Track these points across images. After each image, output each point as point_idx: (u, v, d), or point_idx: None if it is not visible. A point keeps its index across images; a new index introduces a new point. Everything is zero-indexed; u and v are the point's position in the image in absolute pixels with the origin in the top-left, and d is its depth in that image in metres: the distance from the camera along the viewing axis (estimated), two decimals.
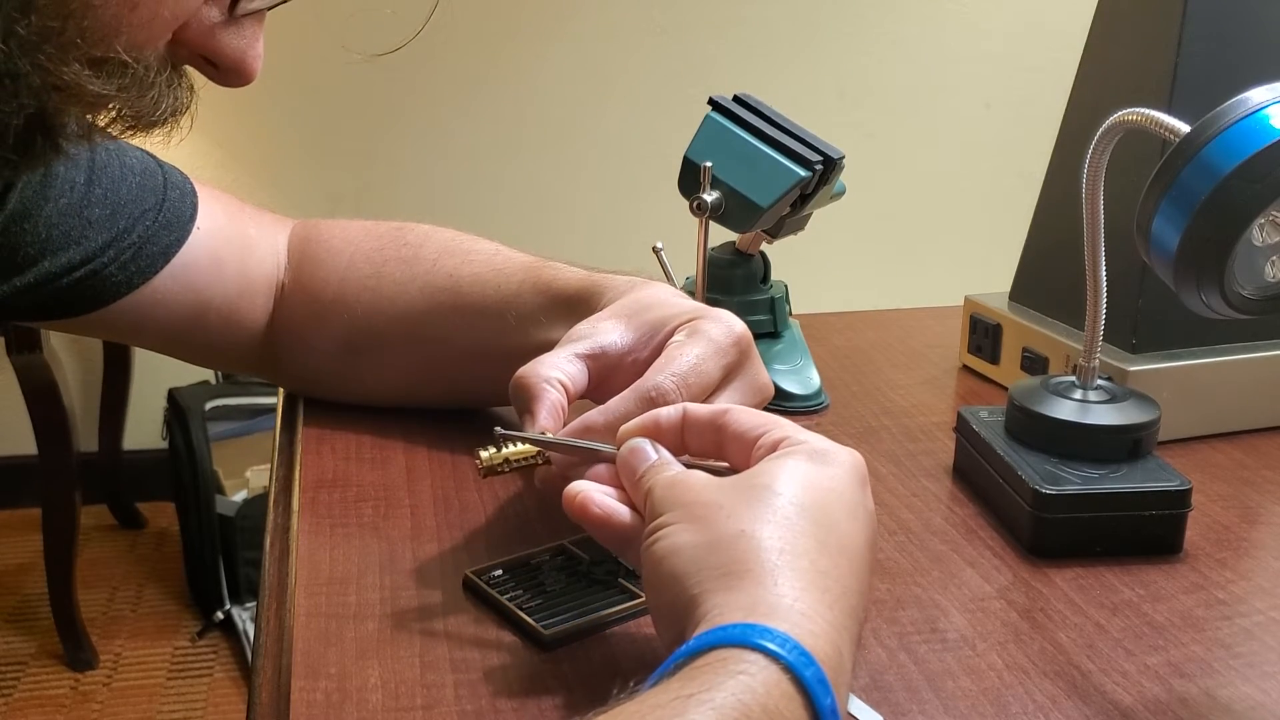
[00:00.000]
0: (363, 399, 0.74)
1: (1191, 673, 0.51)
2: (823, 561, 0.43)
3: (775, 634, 0.39)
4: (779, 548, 0.43)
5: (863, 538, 0.46)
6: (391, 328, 0.69)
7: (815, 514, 0.44)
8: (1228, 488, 0.69)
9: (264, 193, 2.29)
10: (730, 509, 0.44)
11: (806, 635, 0.40)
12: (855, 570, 0.44)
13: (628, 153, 2.36)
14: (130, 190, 0.66)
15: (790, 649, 0.39)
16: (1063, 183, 0.82)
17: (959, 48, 2.43)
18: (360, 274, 0.71)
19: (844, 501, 0.46)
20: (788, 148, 0.74)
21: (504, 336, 0.66)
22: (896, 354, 0.92)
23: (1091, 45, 0.81)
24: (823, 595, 0.42)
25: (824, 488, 0.45)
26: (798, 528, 0.44)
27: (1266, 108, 0.49)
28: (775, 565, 0.42)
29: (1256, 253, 0.53)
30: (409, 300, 0.69)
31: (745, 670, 0.38)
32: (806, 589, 0.42)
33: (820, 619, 0.41)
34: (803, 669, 0.39)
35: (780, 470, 0.46)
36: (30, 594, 2.12)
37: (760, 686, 0.38)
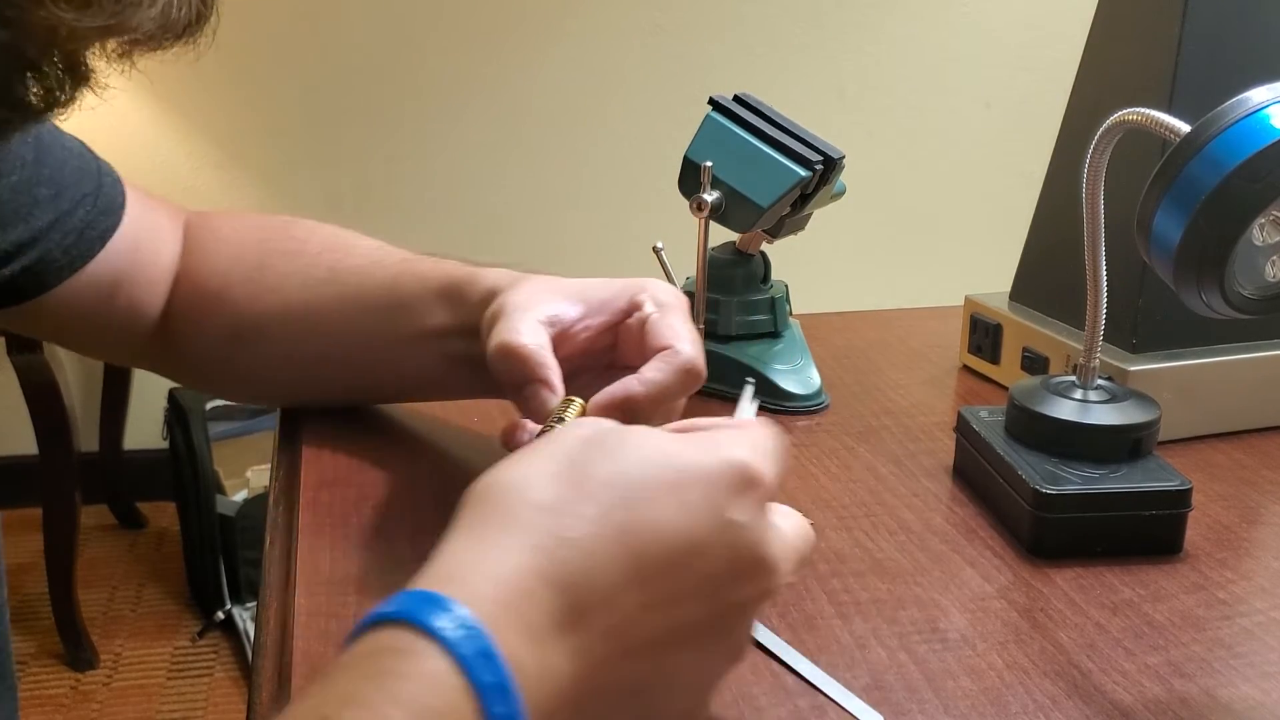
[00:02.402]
0: (251, 395, 0.74)
1: (1192, 673, 0.51)
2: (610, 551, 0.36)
3: (457, 615, 0.33)
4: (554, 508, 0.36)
5: (683, 545, 0.37)
6: (273, 320, 0.69)
7: (625, 487, 0.37)
8: (1228, 487, 0.69)
9: (264, 193, 2.29)
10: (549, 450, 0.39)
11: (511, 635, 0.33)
12: (647, 578, 0.36)
13: (628, 152, 2.36)
14: (72, 172, 0.66)
15: (469, 644, 0.32)
16: (1063, 182, 0.82)
17: (959, 48, 2.43)
18: (246, 265, 0.70)
19: (679, 494, 0.38)
20: (788, 147, 0.74)
21: (383, 326, 0.66)
22: (897, 354, 0.92)
23: (1092, 45, 0.81)
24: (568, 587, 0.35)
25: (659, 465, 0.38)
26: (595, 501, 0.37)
27: (1267, 107, 0.49)
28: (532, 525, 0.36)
29: (1257, 252, 0.53)
30: (290, 292, 0.68)
31: (403, 669, 0.32)
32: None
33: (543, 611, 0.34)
34: (478, 671, 0.32)
35: (630, 435, 0.40)
36: (30, 594, 2.12)
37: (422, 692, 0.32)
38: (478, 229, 2.34)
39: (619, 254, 2.33)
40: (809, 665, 0.50)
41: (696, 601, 0.38)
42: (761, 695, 0.48)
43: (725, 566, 0.38)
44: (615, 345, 0.60)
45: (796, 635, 0.53)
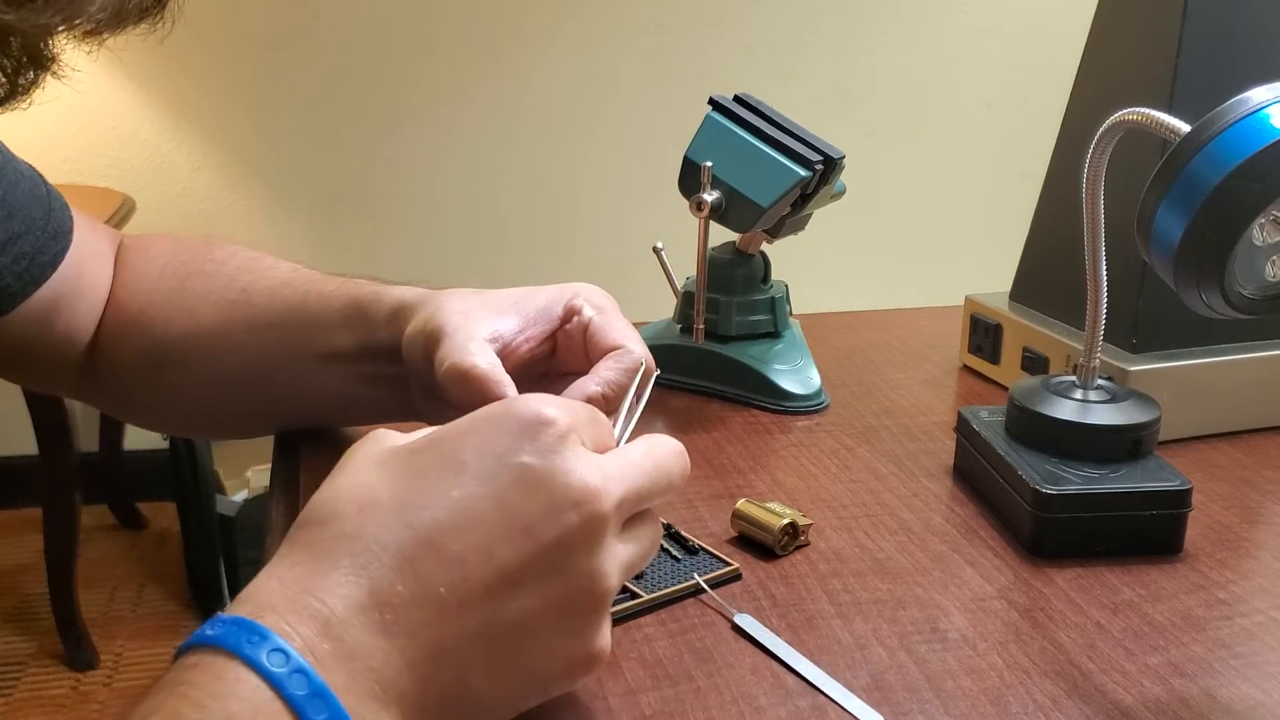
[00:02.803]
0: (174, 424, 0.72)
1: (1192, 673, 0.51)
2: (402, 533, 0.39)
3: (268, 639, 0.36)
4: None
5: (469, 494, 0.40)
6: (189, 341, 0.67)
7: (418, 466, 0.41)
8: (1228, 487, 0.69)
9: (264, 193, 2.29)
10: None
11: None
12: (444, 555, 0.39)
13: (628, 152, 2.36)
14: (23, 195, 0.64)
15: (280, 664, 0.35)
16: (1063, 182, 0.82)
17: (959, 48, 2.43)
18: (167, 286, 0.69)
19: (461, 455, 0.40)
20: (788, 147, 0.74)
21: (290, 346, 0.64)
22: (897, 354, 0.92)
23: (1092, 45, 0.81)
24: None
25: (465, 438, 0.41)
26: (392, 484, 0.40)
27: (1267, 107, 0.49)
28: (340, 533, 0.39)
29: (1257, 252, 0.53)
30: (205, 314, 0.67)
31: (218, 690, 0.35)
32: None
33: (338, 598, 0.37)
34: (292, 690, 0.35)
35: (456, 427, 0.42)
36: (30, 594, 2.12)
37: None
38: (478, 229, 2.35)
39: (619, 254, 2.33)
40: (809, 665, 0.50)
41: (509, 546, 0.39)
42: (762, 695, 0.48)
43: (527, 506, 0.39)
44: (554, 353, 0.59)
45: (797, 635, 0.53)
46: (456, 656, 0.39)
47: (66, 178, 2.19)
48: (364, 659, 0.37)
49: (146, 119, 2.21)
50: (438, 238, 2.34)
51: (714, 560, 0.58)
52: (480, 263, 2.36)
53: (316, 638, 0.37)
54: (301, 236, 2.32)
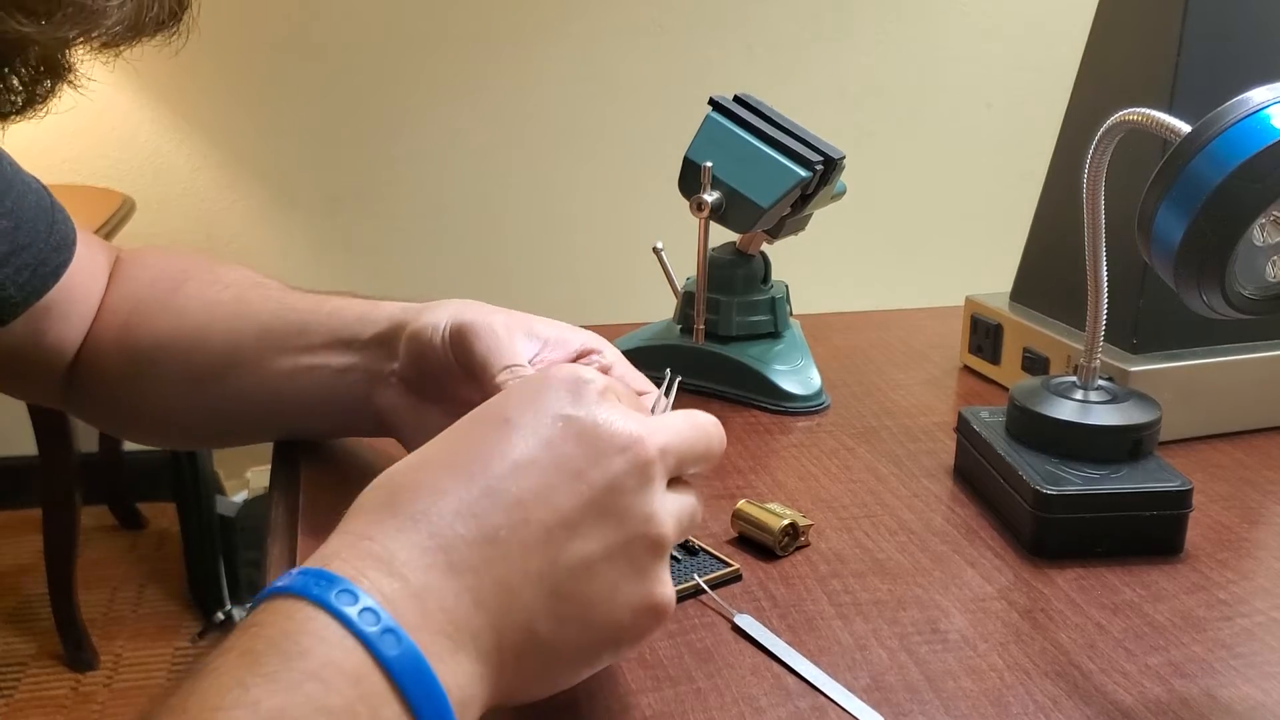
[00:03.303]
0: (148, 429, 0.71)
1: (1192, 673, 0.51)
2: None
3: (354, 593, 0.36)
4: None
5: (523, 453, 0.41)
6: (168, 339, 0.66)
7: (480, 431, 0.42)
8: (1229, 488, 0.69)
9: (264, 193, 2.29)
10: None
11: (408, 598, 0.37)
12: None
13: (628, 153, 2.36)
14: (30, 207, 0.64)
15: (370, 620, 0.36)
16: (1064, 183, 0.82)
17: (959, 48, 2.43)
18: (159, 292, 0.68)
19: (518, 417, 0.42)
20: (788, 148, 0.74)
21: (268, 336, 0.63)
22: (897, 354, 0.92)
23: (1092, 45, 0.81)
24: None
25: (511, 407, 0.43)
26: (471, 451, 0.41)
27: (1267, 108, 0.49)
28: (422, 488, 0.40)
29: (1257, 252, 0.53)
30: (190, 314, 0.66)
31: (306, 645, 0.35)
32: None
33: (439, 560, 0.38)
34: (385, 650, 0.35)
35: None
36: (30, 594, 2.12)
37: (328, 671, 0.34)
38: (478, 229, 2.34)
39: (619, 254, 2.34)
40: (809, 666, 0.50)
41: (562, 489, 0.40)
42: (762, 696, 0.48)
43: (574, 451, 0.41)
44: None
45: (797, 636, 0.53)
46: (522, 598, 0.39)
47: (66, 178, 2.19)
48: (433, 598, 0.38)
49: (146, 119, 2.21)
50: (438, 238, 2.34)
51: (714, 561, 0.58)
52: (481, 262, 2.36)
53: (383, 578, 0.37)
54: (302, 236, 2.32)
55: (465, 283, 2.36)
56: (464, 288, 2.39)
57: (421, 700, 0.35)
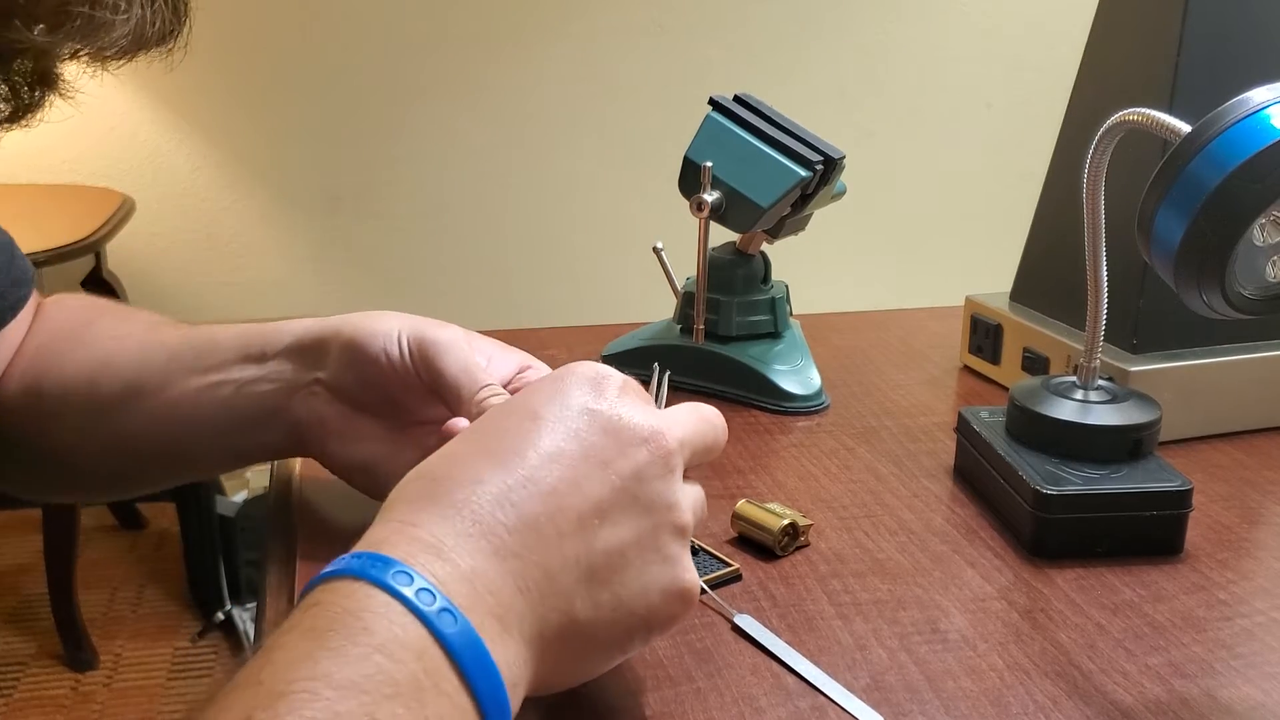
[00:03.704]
0: (48, 474, 0.67)
1: (1192, 673, 0.51)
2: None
3: (412, 575, 0.38)
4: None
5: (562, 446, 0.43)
6: (75, 371, 0.63)
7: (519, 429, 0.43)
8: (1228, 488, 0.69)
9: (264, 193, 2.29)
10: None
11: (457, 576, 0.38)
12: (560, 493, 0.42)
13: (628, 153, 2.36)
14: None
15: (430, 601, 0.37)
16: (1064, 183, 0.82)
17: (959, 48, 2.43)
18: (73, 324, 0.66)
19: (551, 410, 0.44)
20: (788, 148, 0.74)
21: (176, 361, 0.62)
22: (897, 354, 0.92)
23: (1092, 45, 0.81)
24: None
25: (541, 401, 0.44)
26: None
27: (1267, 108, 0.49)
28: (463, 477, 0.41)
29: (1257, 252, 0.53)
30: (101, 344, 0.64)
31: (370, 623, 0.36)
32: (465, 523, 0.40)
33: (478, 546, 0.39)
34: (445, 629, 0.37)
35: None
36: (30, 594, 2.11)
37: (394, 646, 0.36)
38: (478, 228, 2.34)
39: (619, 254, 2.33)
40: (809, 666, 0.50)
41: (592, 479, 0.42)
42: (762, 696, 0.48)
43: (601, 442, 0.43)
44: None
45: (797, 636, 0.53)
46: (561, 583, 0.41)
47: (66, 178, 2.19)
48: (481, 581, 0.39)
49: (146, 119, 2.21)
50: (438, 238, 2.34)
51: (714, 561, 0.58)
52: (481, 262, 2.36)
53: (434, 561, 0.38)
54: (302, 236, 2.32)
55: (465, 283, 2.36)
56: (464, 288, 2.39)
57: (478, 675, 0.37)
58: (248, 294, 2.32)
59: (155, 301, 2.28)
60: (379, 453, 0.59)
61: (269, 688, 0.34)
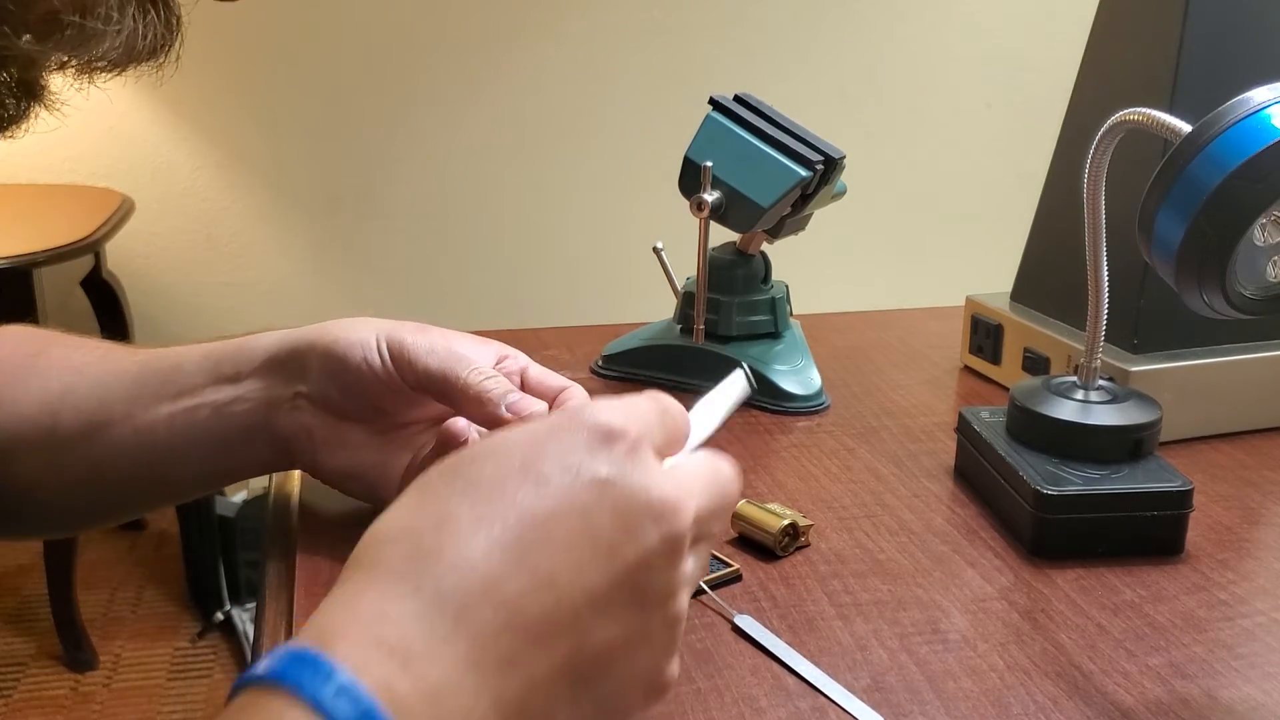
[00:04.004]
0: (7, 514, 0.65)
1: (1193, 674, 0.51)
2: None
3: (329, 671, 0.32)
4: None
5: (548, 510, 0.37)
6: (28, 407, 0.61)
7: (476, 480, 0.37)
8: (1229, 488, 0.69)
9: (264, 193, 2.29)
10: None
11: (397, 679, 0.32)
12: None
13: (628, 153, 2.36)
14: None
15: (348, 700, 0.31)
16: (1064, 183, 0.82)
17: (959, 48, 2.43)
18: (23, 353, 0.64)
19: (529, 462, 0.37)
20: (788, 147, 0.74)
21: (141, 387, 0.60)
22: (897, 354, 0.91)
23: (1093, 45, 0.81)
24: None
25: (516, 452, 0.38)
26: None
27: (1268, 107, 0.49)
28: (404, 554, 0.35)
29: (1258, 252, 0.53)
30: (54, 376, 0.62)
31: None
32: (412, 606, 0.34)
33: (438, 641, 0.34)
34: None
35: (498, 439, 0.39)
36: (30, 595, 2.11)
37: None
38: (478, 228, 2.34)
39: (619, 254, 2.33)
40: (810, 666, 0.50)
41: (595, 567, 0.37)
42: (762, 697, 0.48)
43: (609, 522, 0.37)
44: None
45: (797, 636, 0.53)
46: (544, 695, 0.36)
47: (66, 178, 2.19)
48: (451, 698, 0.33)
49: (146, 119, 2.21)
50: (438, 238, 2.34)
51: (714, 561, 0.58)
52: (481, 262, 2.36)
53: (395, 673, 0.33)
54: (302, 236, 2.32)
55: (465, 283, 2.36)
56: (464, 288, 2.39)
57: None
58: (248, 294, 2.32)
59: (155, 301, 2.29)
60: (369, 459, 0.59)
61: None
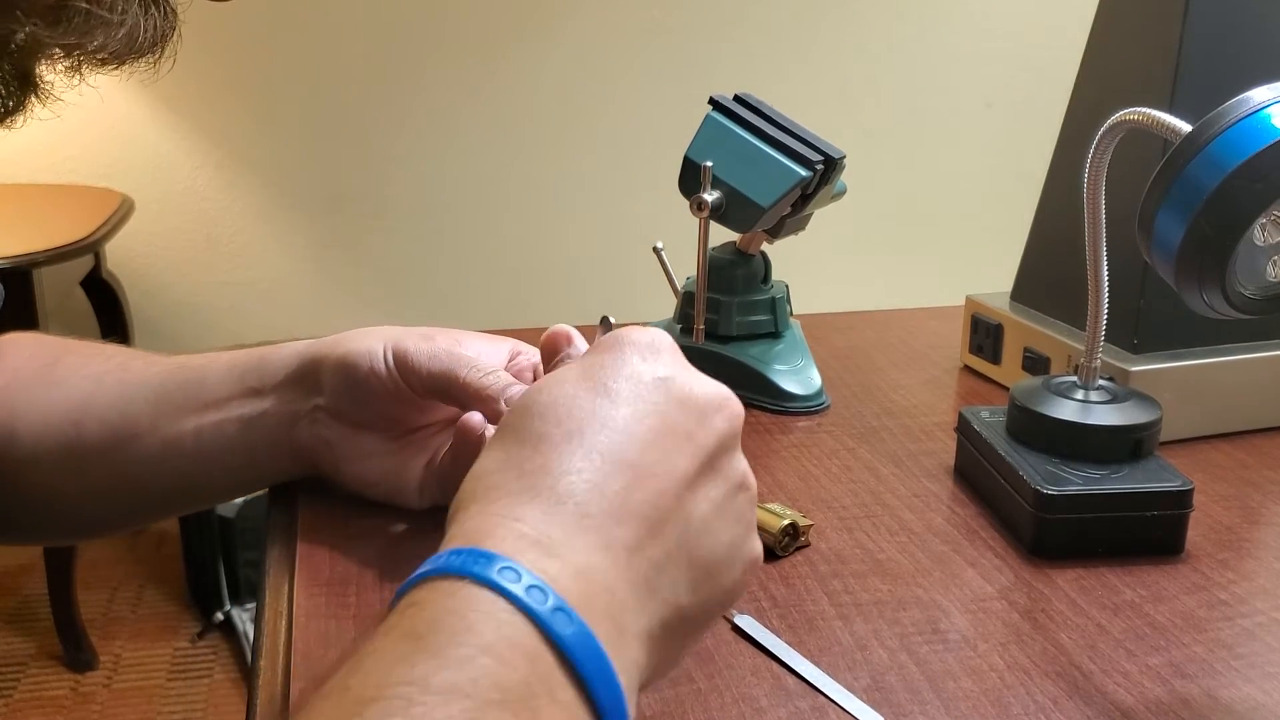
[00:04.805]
0: (22, 521, 0.65)
1: (1193, 673, 0.51)
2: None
3: (521, 571, 0.34)
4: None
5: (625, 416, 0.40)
6: (48, 415, 0.62)
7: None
8: (1229, 488, 0.69)
9: (264, 192, 2.29)
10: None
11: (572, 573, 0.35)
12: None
13: (628, 152, 2.36)
14: None
15: (541, 599, 0.34)
16: (1064, 182, 0.82)
17: (959, 47, 2.43)
18: (38, 363, 0.65)
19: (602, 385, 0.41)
20: (788, 147, 0.74)
21: (165, 402, 0.61)
22: (897, 354, 0.91)
23: (1093, 45, 0.81)
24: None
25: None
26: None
27: (1268, 107, 0.49)
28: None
29: (1258, 252, 0.53)
30: (73, 385, 0.63)
31: (479, 624, 0.33)
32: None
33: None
34: (558, 627, 0.34)
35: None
36: (30, 594, 2.11)
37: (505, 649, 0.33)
38: (478, 228, 2.34)
39: (619, 254, 2.33)
40: (810, 666, 0.50)
41: (681, 454, 0.40)
42: (762, 696, 0.48)
43: (681, 414, 0.41)
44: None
45: (797, 636, 0.53)
46: (669, 573, 0.39)
47: (66, 177, 2.19)
48: (596, 578, 0.36)
49: (146, 118, 2.21)
50: (438, 237, 2.34)
51: None
52: (480, 262, 2.36)
53: (542, 558, 0.36)
54: (302, 236, 2.32)
55: (466, 283, 2.36)
56: (465, 288, 2.39)
57: (599, 683, 0.34)
58: (248, 294, 2.32)
59: (155, 301, 2.29)
60: (387, 466, 0.60)
61: (357, 694, 0.31)
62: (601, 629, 0.35)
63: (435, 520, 0.61)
